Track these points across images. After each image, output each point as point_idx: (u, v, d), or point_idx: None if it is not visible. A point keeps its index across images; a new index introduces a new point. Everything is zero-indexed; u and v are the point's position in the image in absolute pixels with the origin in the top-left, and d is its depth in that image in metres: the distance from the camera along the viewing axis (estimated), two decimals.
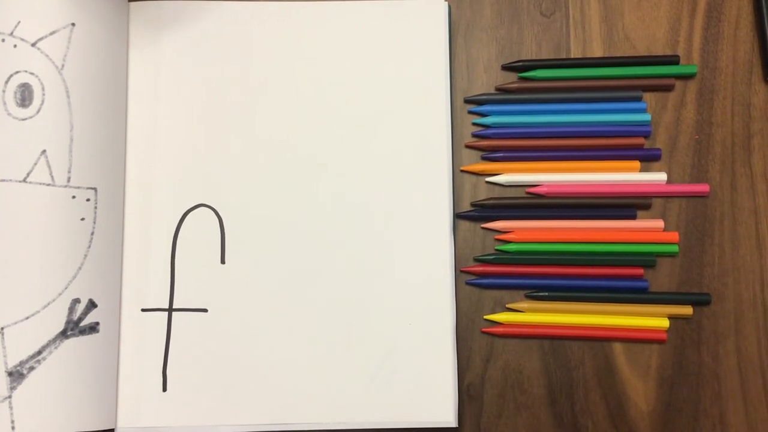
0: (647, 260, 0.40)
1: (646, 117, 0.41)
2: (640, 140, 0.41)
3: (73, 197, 0.37)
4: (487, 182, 0.42)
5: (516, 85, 0.42)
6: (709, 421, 0.39)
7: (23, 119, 0.37)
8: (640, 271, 0.40)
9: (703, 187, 0.41)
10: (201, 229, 0.40)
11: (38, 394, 0.36)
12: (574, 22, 0.43)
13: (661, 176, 0.41)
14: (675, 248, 0.40)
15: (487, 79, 0.43)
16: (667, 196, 0.41)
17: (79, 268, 0.37)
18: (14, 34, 0.38)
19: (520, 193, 0.42)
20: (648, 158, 0.42)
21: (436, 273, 0.39)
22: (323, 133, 0.41)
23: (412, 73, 0.41)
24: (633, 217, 0.41)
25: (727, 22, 0.43)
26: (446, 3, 0.42)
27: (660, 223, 0.41)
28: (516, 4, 0.43)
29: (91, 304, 0.37)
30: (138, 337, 0.39)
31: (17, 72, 0.37)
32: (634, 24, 0.43)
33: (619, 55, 0.43)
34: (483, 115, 0.42)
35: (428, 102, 0.41)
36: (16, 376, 0.35)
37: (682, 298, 0.40)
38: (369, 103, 0.41)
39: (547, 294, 0.40)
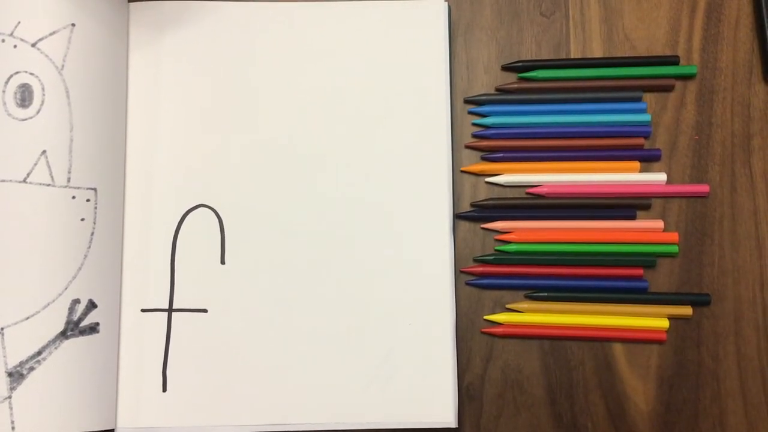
0: (647, 260, 0.40)
1: (646, 117, 0.41)
2: (640, 140, 0.41)
3: (73, 197, 0.37)
4: (487, 182, 0.42)
5: (516, 85, 0.42)
6: (709, 421, 0.39)
7: (23, 119, 0.37)
8: (640, 271, 0.40)
9: (703, 188, 0.41)
10: (201, 229, 0.40)
11: (38, 395, 0.36)
12: (574, 22, 0.43)
13: (661, 176, 0.41)
14: (675, 248, 0.40)
15: (487, 80, 0.43)
16: (667, 197, 0.41)
17: (79, 269, 0.37)
18: (14, 34, 0.38)
19: (520, 193, 0.42)
20: (648, 158, 0.42)
21: (436, 273, 0.39)
22: (323, 133, 0.41)
23: (412, 73, 0.41)
24: (633, 218, 0.41)
25: (727, 23, 0.43)
26: (446, 3, 0.42)
27: (660, 224, 0.41)
28: (516, 5, 0.43)
29: (91, 305, 0.37)
30: (138, 337, 0.39)
31: (17, 72, 0.37)
32: (634, 24, 0.43)
33: (619, 55, 0.43)
34: (483, 115, 0.42)
35: (428, 102, 0.41)
36: (16, 376, 0.36)
37: (682, 298, 0.40)
38: (369, 103, 0.41)
39: (547, 294, 0.40)
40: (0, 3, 0.38)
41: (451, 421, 0.38)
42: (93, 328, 0.37)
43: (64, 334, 0.36)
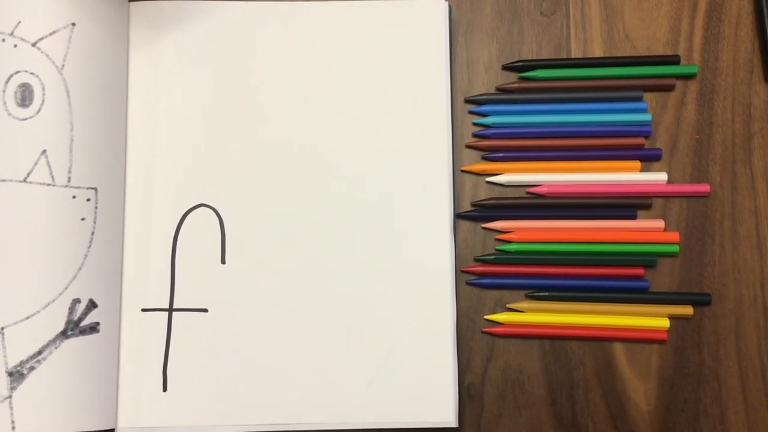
0: (648, 260, 0.40)
1: (647, 117, 0.41)
2: (640, 140, 0.41)
3: (74, 197, 0.37)
4: (488, 182, 0.42)
5: (516, 85, 0.42)
6: (709, 421, 0.39)
7: (23, 119, 0.37)
8: (640, 271, 0.40)
9: (703, 187, 0.41)
10: (201, 229, 0.40)
11: (38, 394, 0.35)
12: (575, 22, 0.43)
13: (662, 176, 0.41)
14: (675, 248, 0.40)
15: (487, 79, 0.43)
16: (668, 196, 0.41)
17: (80, 268, 0.37)
18: (14, 34, 0.38)
19: (520, 193, 0.42)
20: (648, 158, 0.42)
21: (436, 273, 0.39)
22: (323, 133, 0.41)
23: (412, 73, 0.41)
24: (633, 217, 0.41)
25: (727, 22, 0.43)
26: (446, 3, 0.42)
27: (660, 223, 0.41)
28: (516, 4, 0.43)
29: (92, 304, 0.37)
30: (138, 337, 0.39)
31: (17, 72, 0.37)
32: (635, 24, 0.43)
33: (619, 55, 0.43)
34: (483, 115, 0.42)
35: (428, 102, 0.41)
36: (17, 376, 0.35)
37: (683, 298, 0.40)
38: (369, 102, 0.41)
39: (547, 294, 0.40)
40: (0, 3, 0.38)
41: (452, 421, 0.38)
42: (93, 328, 0.37)
43: (64, 334, 0.36)
